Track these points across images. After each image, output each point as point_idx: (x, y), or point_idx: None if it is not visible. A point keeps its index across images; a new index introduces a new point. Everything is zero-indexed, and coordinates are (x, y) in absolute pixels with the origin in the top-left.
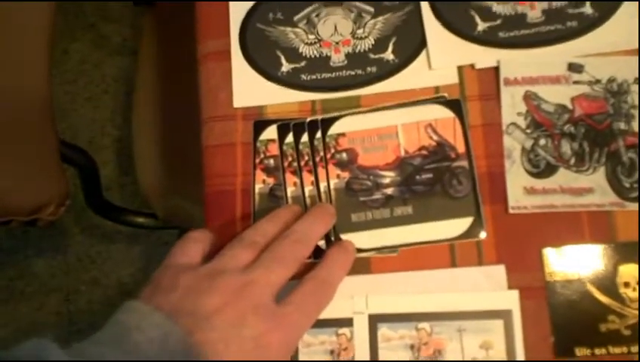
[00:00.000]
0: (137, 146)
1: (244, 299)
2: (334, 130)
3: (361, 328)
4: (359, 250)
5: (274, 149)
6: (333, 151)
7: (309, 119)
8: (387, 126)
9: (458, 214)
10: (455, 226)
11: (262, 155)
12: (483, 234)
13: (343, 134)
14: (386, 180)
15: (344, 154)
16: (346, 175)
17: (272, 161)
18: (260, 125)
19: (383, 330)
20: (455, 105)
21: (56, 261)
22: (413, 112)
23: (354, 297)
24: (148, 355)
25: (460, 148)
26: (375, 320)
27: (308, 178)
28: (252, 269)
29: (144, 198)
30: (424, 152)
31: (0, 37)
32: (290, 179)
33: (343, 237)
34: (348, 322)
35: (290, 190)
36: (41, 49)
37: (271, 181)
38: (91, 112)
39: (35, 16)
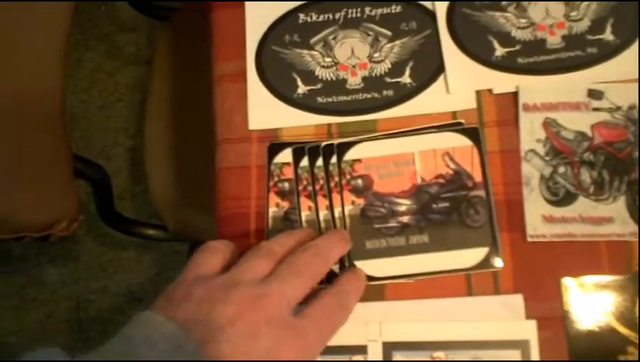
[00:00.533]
0: (149, 157)
1: (259, 310)
2: (350, 155)
3: (375, 356)
4: (374, 278)
5: (289, 172)
6: (348, 177)
7: (324, 143)
8: (404, 153)
9: (474, 244)
10: (471, 256)
11: (276, 178)
12: (499, 263)
13: (358, 160)
14: (402, 208)
15: (359, 181)
16: (361, 201)
17: (286, 185)
18: (275, 148)
19: (397, 358)
20: (473, 134)
21: (66, 269)
22: (430, 140)
23: (368, 324)
24: None
25: (477, 177)
26: (389, 348)
27: (322, 202)
28: (268, 281)
29: (156, 209)
30: (441, 180)
31: (14, 44)
32: (305, 203)
33: (357, 264)
34: (362, 349)
35: (304, 214)
36: (57, 58)
37: (285, 205)
38: (104, 121)
39: (53, 22)
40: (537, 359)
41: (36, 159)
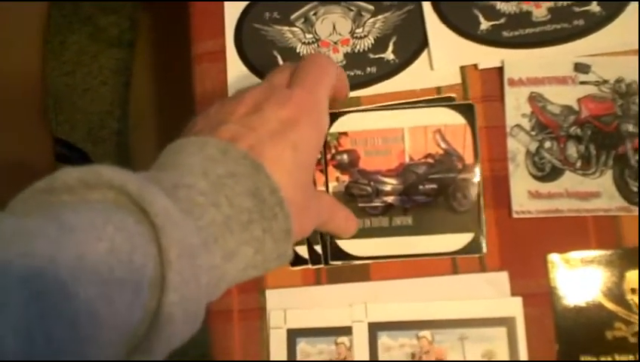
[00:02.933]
0: (135, 141)
1: (267, 98)
2: (336, 127)
3: (360, 337)
4: (357, 257)
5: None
6: (333, 151)
7: None
8: (393, 128)
9: (459, 229)
10: (455, 241)
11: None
12: (483, 249)
13: (345, 133)
14: (387, 187)
15: (345, 156)
16: (345, 178)
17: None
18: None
19: (383, 339)
20: (467, 111)
21: None
22: (421, 115)
23: (352, 305)
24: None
25: (468, 158)
26: (375, 329)
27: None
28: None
29: None
30: (430, 160)
31: None
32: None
33: (340, 243)
34: (347, 331)
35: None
36: (34, 41)
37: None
38: (89, 105)
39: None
40: (523, 336)
41: (16, 143)
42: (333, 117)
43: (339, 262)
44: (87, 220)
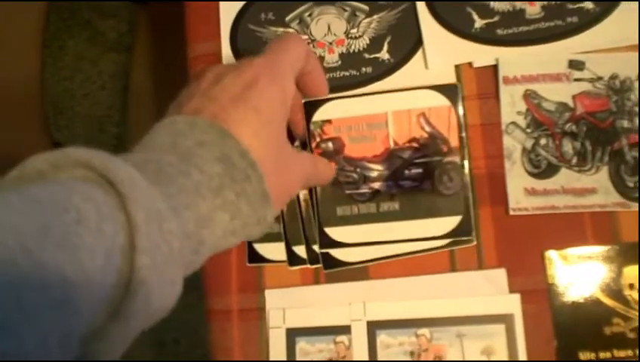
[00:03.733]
0: (134, 145)
1: (227, 70)
2: (320, 115)
3: (359, 335)
4: (354, 262)
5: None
6: (318, 139)
7: (303, 100)
8: (376, 113)
9: (446, 212)
10: (443, 224)
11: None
12: (472, 231)
13: (328, 121)
14: (374, 173)
15: (330, 144)
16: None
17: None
18: (313, 104)
19: (382, 337)
20: (451, 92)
21: None
22: (405, 98)
23: (351, 304)
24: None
25: (454, 141)
26: (374, 327)
27: None
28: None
29: None
30: (414, 144)
31: None
32: None
33: (328, 230)
34: (346, 329)
35: None
36: (34, 47)
37: None
38: (89, 109)
39: (29, 12)
40: (522, 333)
41: (15, 148)
42: (316, 105)
43: (334, 270)
44: (51, 193)
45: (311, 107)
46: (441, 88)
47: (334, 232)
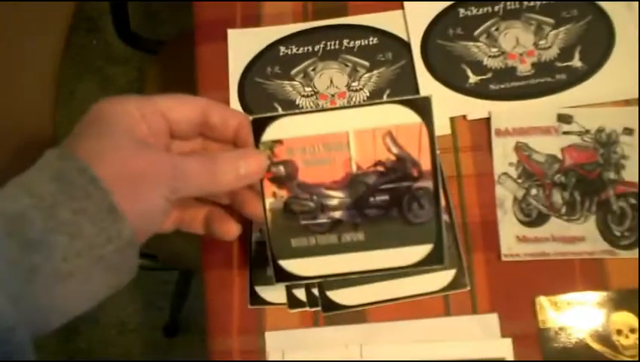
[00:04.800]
0: None
1: None
2: (269, 134)
3: None
4: (348, 307)
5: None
6: (268, 163)
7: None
8: (335, 133)
9: (416, 241)
10: (412, 254)
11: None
12: (445, 260)
13: (279, 141)
14: (333, 201)
15: (281, 168)
16: (284, 193)
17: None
18: (261, 122)
19: None
20: (423, 107)
21: None
22: (369, 115)
23: (348, 346)
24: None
25: (425, 164)
26: None
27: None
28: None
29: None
30: (380, 168)
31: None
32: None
33: (282, 263)
34: None
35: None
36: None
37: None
38: None
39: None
40: None
41: None
42: (265, 122)
43: (332, 313)
44: None
45: (259, 125)
46: (410, 103)
47: (290, 265)
